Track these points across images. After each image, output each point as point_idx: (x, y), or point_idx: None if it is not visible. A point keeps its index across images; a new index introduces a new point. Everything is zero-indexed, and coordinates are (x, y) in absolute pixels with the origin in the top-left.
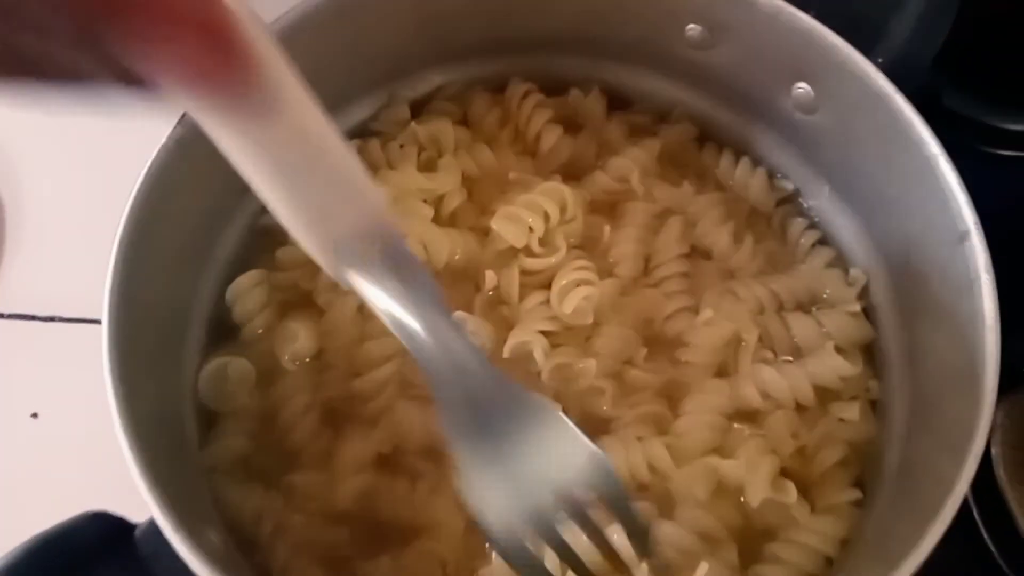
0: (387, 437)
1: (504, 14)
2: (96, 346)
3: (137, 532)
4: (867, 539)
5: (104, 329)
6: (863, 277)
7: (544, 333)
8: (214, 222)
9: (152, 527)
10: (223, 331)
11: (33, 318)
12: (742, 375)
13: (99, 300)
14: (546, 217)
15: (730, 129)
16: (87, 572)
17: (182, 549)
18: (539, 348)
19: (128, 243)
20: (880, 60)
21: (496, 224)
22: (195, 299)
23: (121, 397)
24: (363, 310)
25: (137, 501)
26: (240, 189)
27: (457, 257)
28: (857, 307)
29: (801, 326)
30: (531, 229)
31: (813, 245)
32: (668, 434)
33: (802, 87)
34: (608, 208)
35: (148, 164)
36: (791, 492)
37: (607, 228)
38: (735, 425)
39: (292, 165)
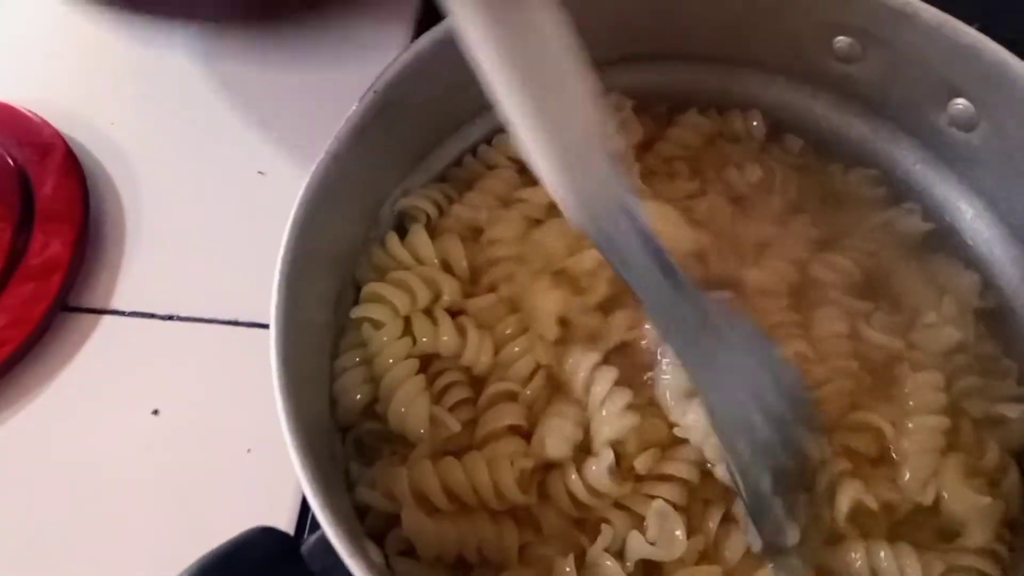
0: None
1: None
2: (212, 345)
3: (304, 548)
4: None
5: (272, 341)
6: None
7: None
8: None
9: (318, 543)
10: None
11: (152, 316)
12: None
13: (215, 301)
14: None
15: (874, 146)
16: None
17: (355, 567)
18: None
19: (291, 252)
20: None
21: None
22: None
23: (290, 412)
24: None
25: (257, 497)
26: (373, 211)
27: None
28: None
29: None
30: None
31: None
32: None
33: (960, 103)
34: None
35: (309, 177)
36: None
37: None
38: None
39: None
